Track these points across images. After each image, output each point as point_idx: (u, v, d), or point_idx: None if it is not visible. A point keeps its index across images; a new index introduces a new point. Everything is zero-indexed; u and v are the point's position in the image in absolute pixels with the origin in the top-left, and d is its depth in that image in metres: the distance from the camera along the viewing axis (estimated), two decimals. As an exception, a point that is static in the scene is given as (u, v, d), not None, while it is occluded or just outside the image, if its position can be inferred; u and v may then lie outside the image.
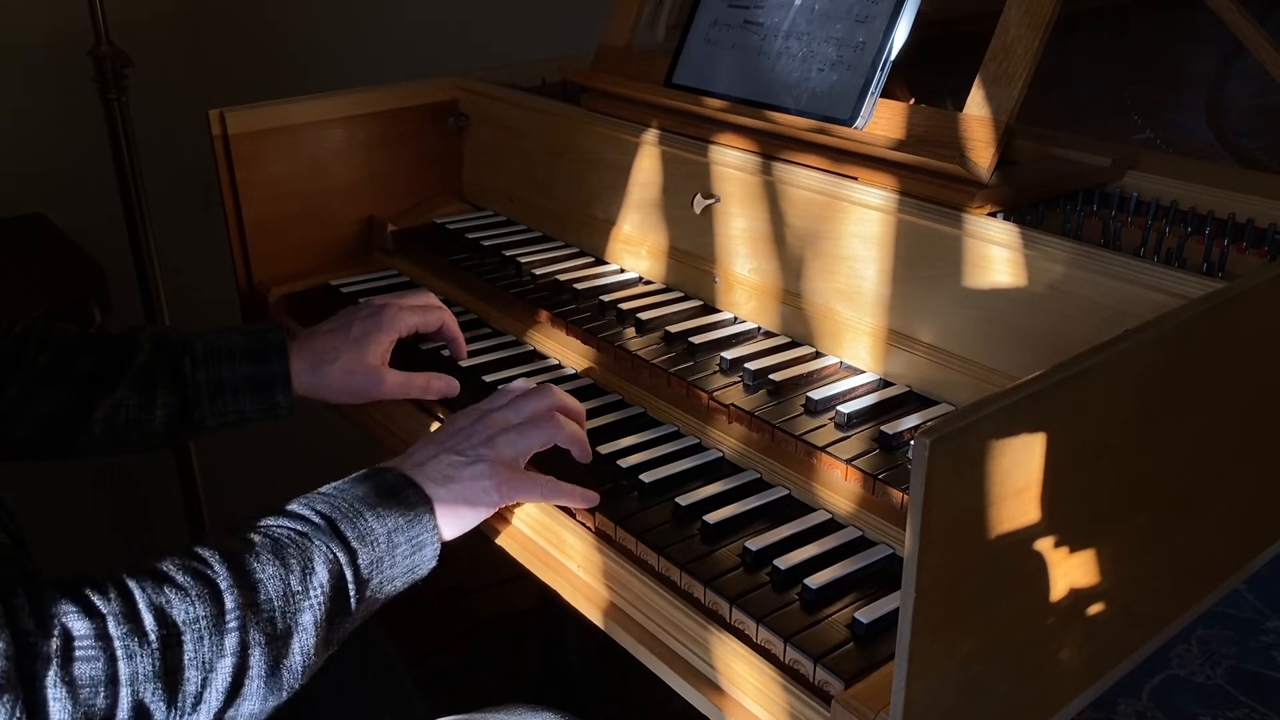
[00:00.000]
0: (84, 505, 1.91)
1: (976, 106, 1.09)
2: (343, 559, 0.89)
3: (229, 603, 0.82)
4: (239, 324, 1.21)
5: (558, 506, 1.02)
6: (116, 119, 1.76)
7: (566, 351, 1.28)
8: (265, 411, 1.16)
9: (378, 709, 1.23)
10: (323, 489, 0.96)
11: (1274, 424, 0.99)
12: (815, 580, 0.88)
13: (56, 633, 0.74)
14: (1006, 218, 1.07)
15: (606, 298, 1.30)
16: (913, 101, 1.33)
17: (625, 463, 1.06)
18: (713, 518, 0.96)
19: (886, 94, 1.17)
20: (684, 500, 0.99)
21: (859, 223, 1.13)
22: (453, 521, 0.97)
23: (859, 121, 1.16)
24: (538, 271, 1.38)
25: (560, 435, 1.04)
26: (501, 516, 1.05)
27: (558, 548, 1.02)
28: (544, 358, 1.29)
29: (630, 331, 1.24)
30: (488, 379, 1.23)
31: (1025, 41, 1.06)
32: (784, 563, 0.90)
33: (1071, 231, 1.08)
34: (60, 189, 1.89)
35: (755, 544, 0.93)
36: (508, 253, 1.44)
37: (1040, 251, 0.99)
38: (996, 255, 1.02)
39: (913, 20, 1.15)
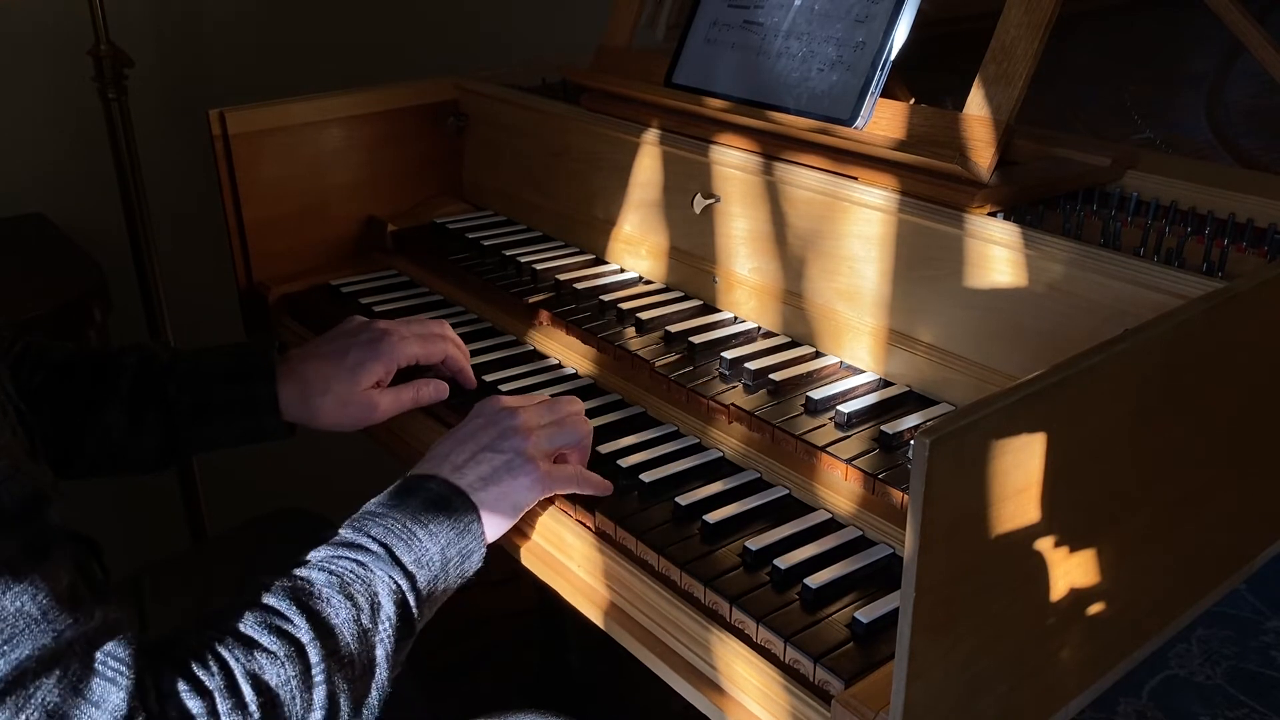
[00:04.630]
0: (85, 505, 1.91)
1: (976, 106, 1.09)
2: (404, 586, 0.90)
3: (314, 657, 0.84)
4: (233, 342, 1.18)
5: (563, 511, 1.02)
6: (116, 119, 1.75)
7: (566, 351, 1.28)
8: (252, 434, 1.14)
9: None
10: (370, 507, 0.96)
11: (1274, 424, 0.99)
12: (815, 580, 0.88)
13: (175, 714, 0.77)
14: (1007, 218, 1.07)
15: (606, 297, 1.30)
16: (913, 101, 1.33)
17: (625, 462, 1.06)
18: (713, 517, 0.96)
19: (886, 94, 1.17)
20: (684, 500, 0.99)
21: (859, 223, 1.13)
22: (497, 521, 0.98)
23: (859, 121, 1.16)
24: (538, 271, 1.38)
25: (587, 440, 1.06)
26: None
27: (558, 547, 1.02)
28: (544, 357, 1.29)
29: (630, 331, 1.24)
30: (488, 379, 1.23)
31: (1025, 41, 1.06)
32: (784, 562, 0.90)
33: (1071, 231, 1.08)
34: (60, 189, 1.89)
35: (755, 544, 0.93)
36: (508, 253, 1.44)
37: (1040, 251, 0.99)
38: (997, 255, 1.02)
39: (913, 20, 1.15)
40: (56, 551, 0.75)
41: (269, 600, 0.86)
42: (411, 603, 0.91)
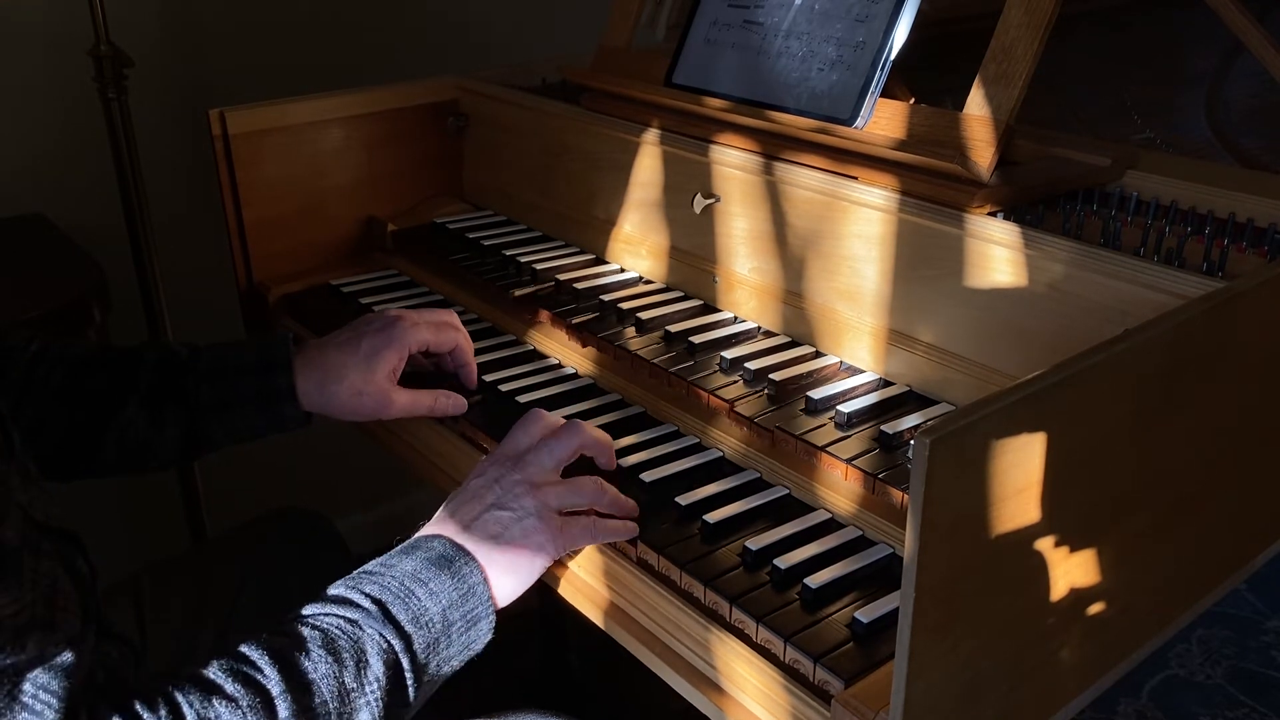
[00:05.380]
0: (85, 505, 1.91)
1: (976, 106, 1.09)
2: (398, 646, 0.85)
3: (282, 712, 0.78)
4: (246, 338, 1.18)
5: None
6: (116, 119, 1.75)
7: (566, 351, 1.28)
8: (273, 425, 1.14)
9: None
10: (369, 566, 0.91)
11: (1274, 424, 0.99)
12: (815, 580, 0.88)
13: None
14: (1007, 217, 1.07)
15: (606, 297, 1.30)
16: (913, 101, 1.33)
17: (625, 462, 1.06)
18: (713, 517, 0.96)
19: (886, 94, 1.17)
20: (684, 500, 0.99)
21: (859, 222, 1.13)
22: (508, 584, 0.93)
23: (859, 121, 1.16)
24: (538, 271, 1.38)
25: (603, 499, 0.98)
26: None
27: (558, 547, 1.02)
28: (544, 357, 1.29)
29: (630, 331, 1.24)
30: (488, 379, 1.23)
31: (1025, 41, 1.06)
32: (784, 562, 0.90)
33: (1071, 231, 1.08)
34: (60, 189, 1.89)
35: (755, 543, 0.93)
36: (508, 252, 1.44)
37: (1040, 251, 0.99)
38: (997, 255, 1.02)
39: (913, 20, 1.15)
40: (6, 574, 0.71)
41: (242, 649, 0.81)
42: (405, 664, 0.85)
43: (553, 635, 1.88)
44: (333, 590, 0.89)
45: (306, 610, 0.87)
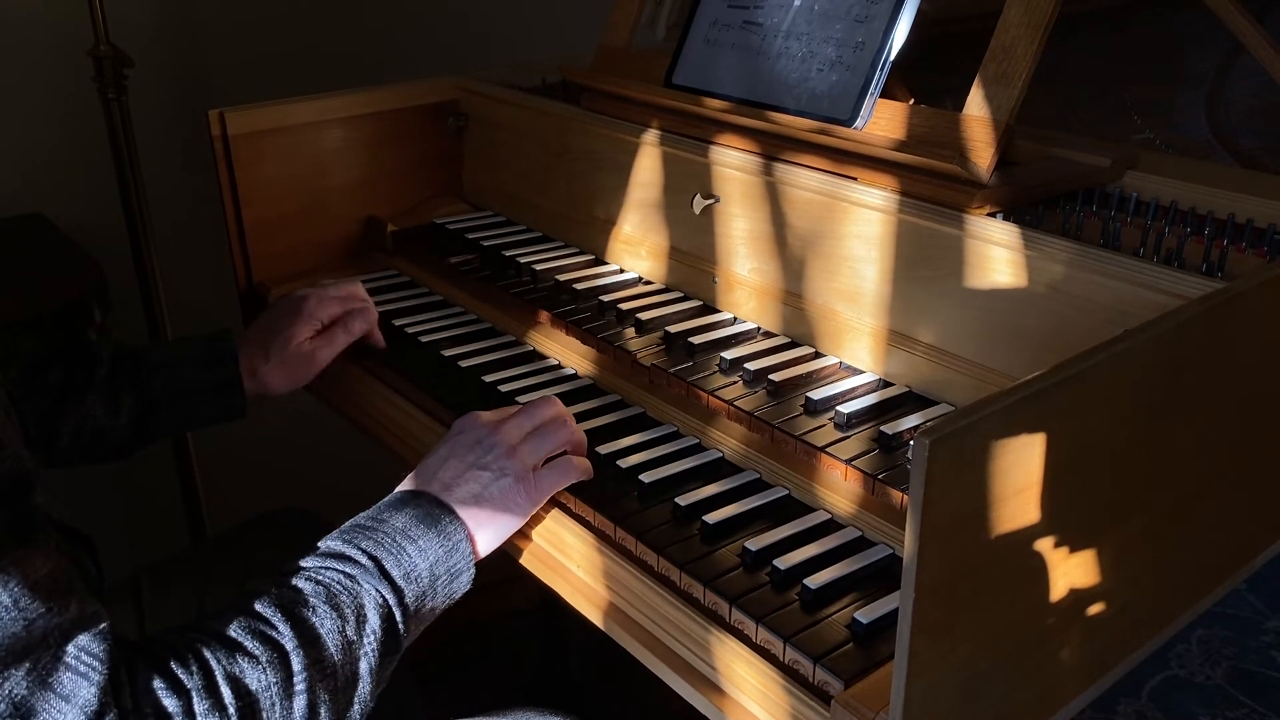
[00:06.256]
0: (85, 505, 1.91)
1: (976, 107, 1.09)
2: (391, 601, 0.90)
3: (296, 665, 0.83)
4: (192, 334, 1.28)
5: (563, 512, 1.02)
6: (116, 119, 1.75)
7: (566, 352, 1.28)
8: (223, 412, 1.24)
9: (378, 709, 1.23)
10: (360, 520, 0.96)
11: (1274, 424, 0.99)
12: (815, 580, 0.88)
13: (150, 712, 0.77)
14: (1006, 218, 1.07)
15: (606, 298, 1.30)
16: (913, 101, 1.33)
17: (625, 463, 1.06)
18: (712, 518, 0.96)
19: (886, 94, 1.17)
20: (684, 500, 0.99)
21: (859, 223, 1.13)
22: (486, 539, 0.98)
23: (859, 122, 1.16)
24: (538, 271, 1.38)
25: (574, 439, 1.06)
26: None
27: (558, 548, 1.02)
28: (544, 358, 1.29)
29: (630, 331, 1.24)
30: (488, 379, 1.23)
31: (1025, 41, 1.06)
32: (784, 563, 0.90)
33: (1071, 232, 1.08)
34: (60, 189, 1.89)
35: (755, 544, 0.93)
36: (508, 253, 1.44)
37: (1040, 252, 0.99)
38: (996, 255, 1.02)
39: (913, 20, 1.15)
40: (37, 538, 0.74)
41: (257, 606, 0.86)
42: (398, 618, 0.90)
43: (553, 635, 1.88)
44: (331, 543, 0.93)
45: (309, 563, 0.91)
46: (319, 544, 0.93)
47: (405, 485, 1.01)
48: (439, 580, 0.94)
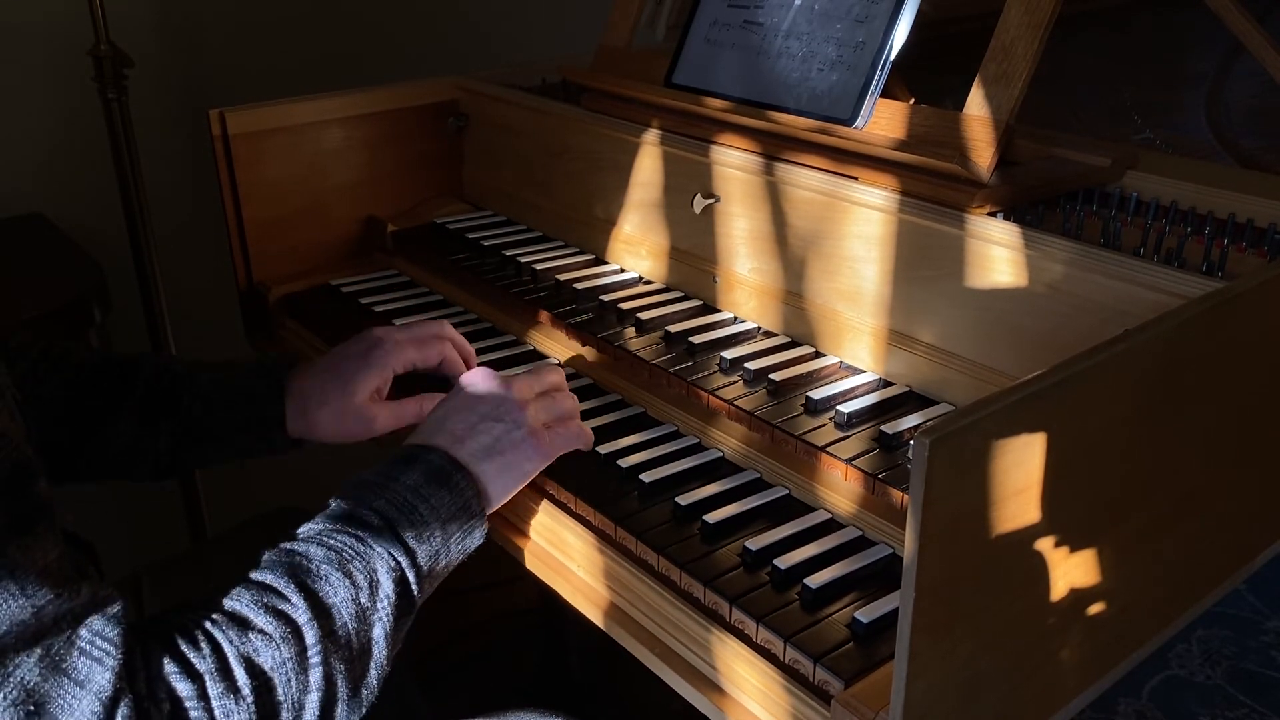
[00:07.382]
0: (85, 505, 1.91)
1: (976, 106, 1.09)
2: (404, 563, 0.89)
3: (310, 638, 0.82)
4: (241, 361, 1.19)
5: (561, 507, 1.02)
6: (116, 119, 1.76)
7: (567, 351, 1.28)
8: (262, 449, 1.15)
9: (378, 708, 1.23)
10: (369, 476, 0.94)
11: (1274, 424, 0.99)
12: (815, 580, 0.88)
13: (164, 696, 0.76)
14: (1006, 218, 1.07)
15: (606, 298, 1.30)
16: (913, 101, 1.33)
17: (625, 462, 1.06)
18: (713, 517, 0.96)
19: (886, 94, 1.17)
20: (684, 500, 0.99)
21: (859, 223, 1.13)
22: (498, 493, 0.98)
23: (859, 121, 1.16)
24: (538, 271, 1.38)
25: (576, 409, 1.07)
26: (502, 516, 1.05)
27: (558, 548, 1.02)
28: (544, 357, 1.29)
29: (630, 331, 1.24)
30: (488, 379, 1.23)
31: (1025, 41, 1.06)
32: (784, 562, 0.90)
33: (1071, 231, 1.08)
34: (60, 189, 1.89)
35: (755, 544, 0.93)
36: (508, 253, 1.44)
37: (1040, 251, 0.99)
38: (997, 255, 1.02)
39: (913, 20, 1.15)
40: (42, 525, 0.73)
41: (266, 578, 0.85)
42: (411, 579, 0.89)
43: (553, 635, 1.88)
44: (341, 503, 0.91)
45: (318, 526, 0.90)
46: (329, 502, 0.92)
47: (415, 437, 0.99)
48: (452, 538, 0.92)
